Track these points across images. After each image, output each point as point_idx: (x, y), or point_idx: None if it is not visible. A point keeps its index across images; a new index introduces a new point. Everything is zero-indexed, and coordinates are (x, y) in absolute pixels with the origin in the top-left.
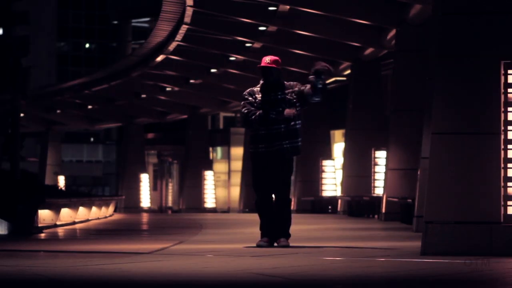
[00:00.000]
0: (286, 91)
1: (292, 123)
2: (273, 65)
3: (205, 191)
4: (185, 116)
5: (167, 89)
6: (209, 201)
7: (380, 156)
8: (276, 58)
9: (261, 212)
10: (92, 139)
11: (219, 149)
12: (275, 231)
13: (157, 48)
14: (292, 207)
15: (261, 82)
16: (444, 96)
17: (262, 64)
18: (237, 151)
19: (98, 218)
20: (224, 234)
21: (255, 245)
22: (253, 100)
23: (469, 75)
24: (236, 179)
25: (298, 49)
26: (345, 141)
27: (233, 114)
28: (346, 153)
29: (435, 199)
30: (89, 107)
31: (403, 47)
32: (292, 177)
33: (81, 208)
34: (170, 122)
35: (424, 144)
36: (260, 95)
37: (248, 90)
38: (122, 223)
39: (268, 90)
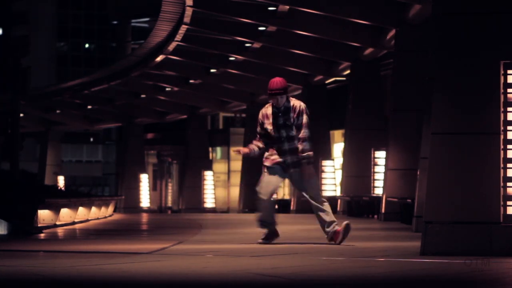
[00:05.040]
0: (290, 114)
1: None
2: (282, 92)
3: (205, 191)
4: (184, 116)
5: (167, 89)
6: (209, 201)
7: (380, 156)
8: (283, 83)
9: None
10: (91, 139)
11: (218, 149)
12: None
13: (157, 48)
14: (292, 207)
15: (271, 105)
16: (444, 96)
17: (272, 91)
18: None
19: (98, 218)
20: (224, 234)
21: (256, 242)
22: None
23: (469, 75)
24: (236, 179)
25: (298, 49)
26: (345, 141)
27: (232, 114)
28: (346, 153)
29: (434, 199)
30: (89, 107)
31: (403, 47)
32: None
33: (80, 208)
34: (169, 122)
35: (424, 144)
36: (272, 120)
37: (262, 114)
38: (122, 223)
39: (278, 116)
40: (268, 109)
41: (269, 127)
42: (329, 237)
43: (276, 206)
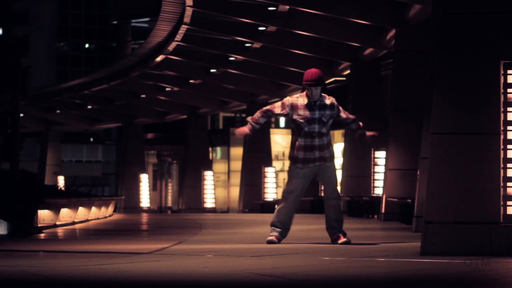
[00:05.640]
0: (325, 110)
1: (326, 137)
2: (315, 83)
3: (205, 191)
4: (184, 116)
5: (167, 89)
6: (209, 201)
7: (380, 156)
8: (319, 74)
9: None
10: (91, 139)
11: (218, 149)
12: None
13: (157, 48)
14: None
15: (305, 95)
16: (444, 96)
17: (307, 82)
18: (237, 151)
19: (98, 218)
20: (224, 234)
21: (255, 244)
22: (285, 112)
23: (469, 75)
24: (236, 179)
25: (298, 49)
26: (345, 141)
27: (232, 114)
28: (346, 153)
29: (434, 199)
30: (89, 107)
31: (403, 47)
32: None
33: (80, 208)
34: (169, 122)
35: (424, 144)
36: (304, 112)
37: (290, 101)
38: (122, 223)
39: (313, 109)
40: (298, 100)
41: (299, 119)
42: (332, 239)
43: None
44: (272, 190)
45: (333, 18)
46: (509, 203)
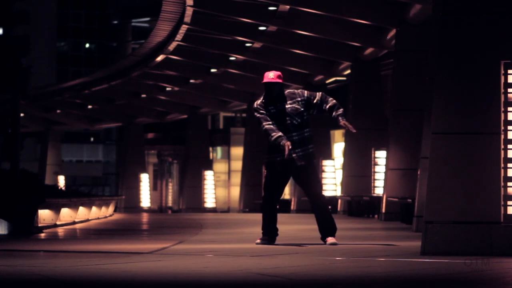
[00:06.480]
0: (290, 101)
1: (306, 129)
2: (277, 80)
3: (205, 191)
4: (185, 116)
5: (167, 89)
6: (209, 201)
7: (380, 156)
8: (279, 73)
9: (265, 212)
10: (92, 139)
11: (219, 149)
12: (275, 231)
13: (157, 48)
14: (292, 207)
15: (262, 97)
16: (444, 96)
17: (266, 80)
18: (237, 151)
19: (98, 218)
20: (224, 234)
21: (254, 244)
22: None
23: (469, 75)
24: (236, 179)
25: (298, 49)
26: (345, 141)
27: (233, 114)
28: (346, 153)
29: (435, 199)
30: (89, 107)
31: (403, 47)
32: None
33: (81, 208)
34: (170, 122)
35: (424, 144)
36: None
37: (259, 103)
38: (122, 223)
39: (270, 104)
40: (260, 101)
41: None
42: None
43: (277, 206)
44: None
45: (333, 18)
46: (509, 203)
